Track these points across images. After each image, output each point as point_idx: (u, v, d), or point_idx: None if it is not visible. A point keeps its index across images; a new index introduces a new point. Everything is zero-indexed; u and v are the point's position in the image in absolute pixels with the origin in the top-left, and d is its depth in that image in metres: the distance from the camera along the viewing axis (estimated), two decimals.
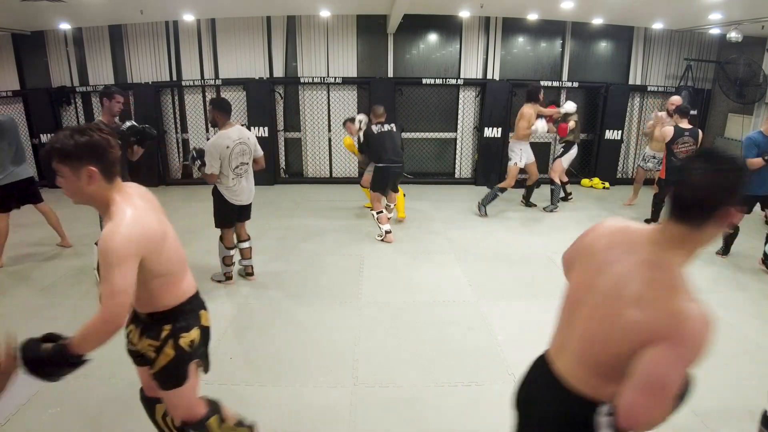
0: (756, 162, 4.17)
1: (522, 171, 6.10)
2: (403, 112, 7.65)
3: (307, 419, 2.46)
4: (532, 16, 7.03)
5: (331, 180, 7.80)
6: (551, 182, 6.21)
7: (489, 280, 4.17)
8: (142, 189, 1.70)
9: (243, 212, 3.93)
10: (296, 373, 2.83)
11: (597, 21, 7.02)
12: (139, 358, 1.78)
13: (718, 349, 3.27)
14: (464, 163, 7.95)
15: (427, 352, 3.06)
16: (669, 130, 5.08)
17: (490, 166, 7.54)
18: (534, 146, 6.21)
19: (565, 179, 6.52)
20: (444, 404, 2.57)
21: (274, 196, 6.95)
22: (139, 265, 1.47)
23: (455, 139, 7.86)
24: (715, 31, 6.81)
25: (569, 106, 5.91)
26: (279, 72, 7.53)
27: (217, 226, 3.88)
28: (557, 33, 7.57)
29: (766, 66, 6.31)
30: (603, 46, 7.81)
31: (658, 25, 7.14)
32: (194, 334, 1.71)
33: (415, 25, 7.29)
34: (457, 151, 7.91)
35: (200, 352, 1.77)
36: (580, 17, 7.00)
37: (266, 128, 7.35)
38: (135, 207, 1.52)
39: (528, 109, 5.77)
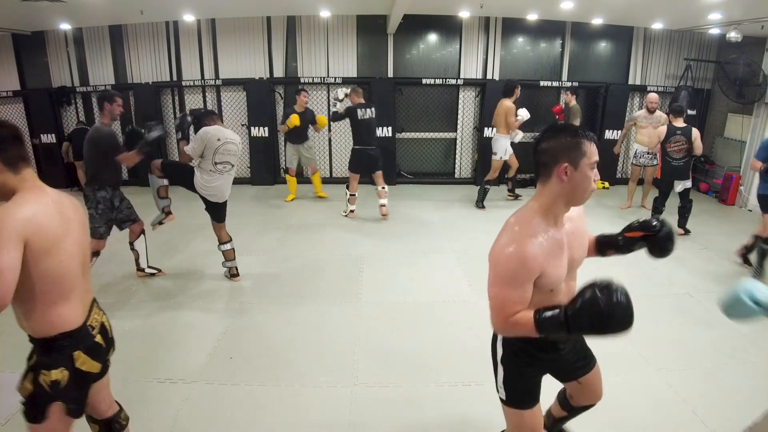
0: (756, 165, 4.08)
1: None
2: (403, 112, 7.65)
3: (307, 419, 2.46)
4: (532, 16, 7.03)
5: (331, 180, 7.79)
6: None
7: None
8: (71, 200, 1.62)
9: (215, 211, 3.86)
10: (296, 373, 2.83)
11: (597, 21, 7.01)
12: None
13: (718, 349, 3.28)
14: (464, 163, 7.95)
15: (427, 352, 3.06)
16: (663, 130, 5.18)
17: (490, 166, 7.54)
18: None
19: None
20: (444, 404, 2.57)
21: (274, 195, 6.96)
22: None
23: (455, 139, 7.86)
24: (714, 31, 6.81)
25: (523, 114, 6.02)
26: (279, 72, 7.53)
27: (164, 170, 3.76)
28: (557, 33, 7.57)
29: (765, 66, 6.30)
30: (603, 46, 7.81)
31: (657, 25, 7.14)
32: (58, 374, 1.52)
33: (415, 25, 7.29)
34: (457, 151, 7.91)
35: (69, 396, 1.57)
36: (579, 17, 7.00)
37: (266, 128, 7.35)
38: (38, 199, 1.47)
39: (508, 102, 6.03)
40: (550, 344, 1.60)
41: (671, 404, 2.58)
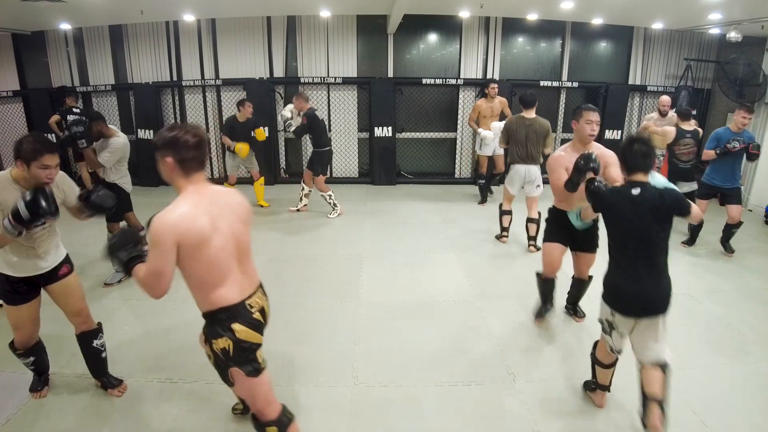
0: (709, 154, 4.65)
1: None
2: (403, 112, 7.65)
3: (307, 419, 2.46)
4: (532, 16, 7.03)
5: (331, 180, 7.79)
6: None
7: (489, 279, 4.17)
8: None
9: (128, 201, 4.26)
10: (296, 372, 2.83)
11: (597, 21, 7.01)
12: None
13: (718, 349, 3.27)
14: (464, 162, 7.95)
15: (426, 352, 3.06)
16: (671, 132, 5.03)
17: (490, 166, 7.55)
18: None
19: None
20: (444, 404, 2.58)
21: (274, 195, 6.95)
22: None
23: (455, 139, 7.86)
24: (714, 31, 6.81)
25: (487, 132, 6.23)
26: (279, 72, 7.53)
27: (118, 220, 4.07)
28: (557, 33, 7.57)
29: (765, 66, 6.30)
30: (603, 46, 7.81)
31: (657, 25, 7.14)
32: (223, 343, 1.78)
33: (415, 25, 7.29)
34: (457, 151, 7.90)
35: (240, 361, 1.80)
36: (580, 17, 7.00)
37: (266, 128, 7.32)
38: None
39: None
40: (567, 220, 3.05)
41: (671, 404, 2.58)
